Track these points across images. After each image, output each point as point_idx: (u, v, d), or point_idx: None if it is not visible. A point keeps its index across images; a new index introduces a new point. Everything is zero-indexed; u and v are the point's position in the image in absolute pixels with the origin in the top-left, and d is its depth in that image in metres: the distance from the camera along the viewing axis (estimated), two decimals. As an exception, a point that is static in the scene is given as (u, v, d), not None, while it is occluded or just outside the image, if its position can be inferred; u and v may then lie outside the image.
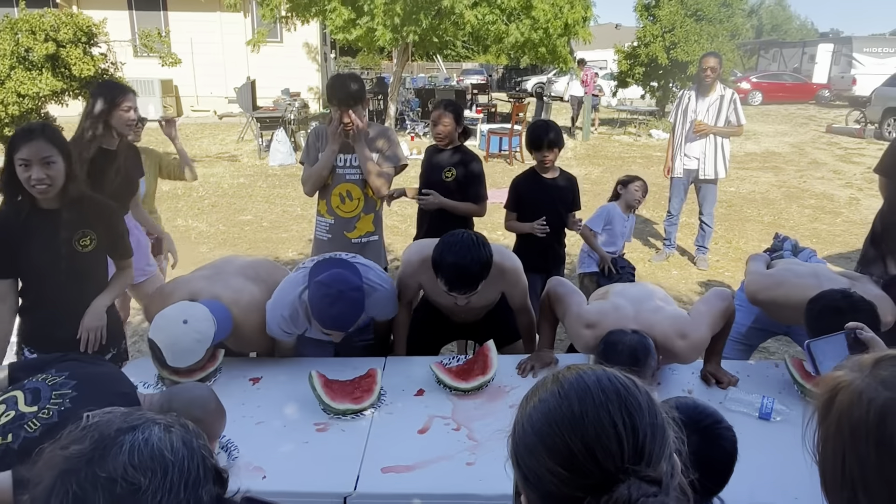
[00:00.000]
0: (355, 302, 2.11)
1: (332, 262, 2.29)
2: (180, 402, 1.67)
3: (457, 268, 2.15)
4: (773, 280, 2.34)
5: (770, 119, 18.15)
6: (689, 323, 2.16)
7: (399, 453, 1.88)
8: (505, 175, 9.75)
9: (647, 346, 2.01)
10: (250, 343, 2.47)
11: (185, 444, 0.79)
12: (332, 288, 2.07)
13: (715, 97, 5.19)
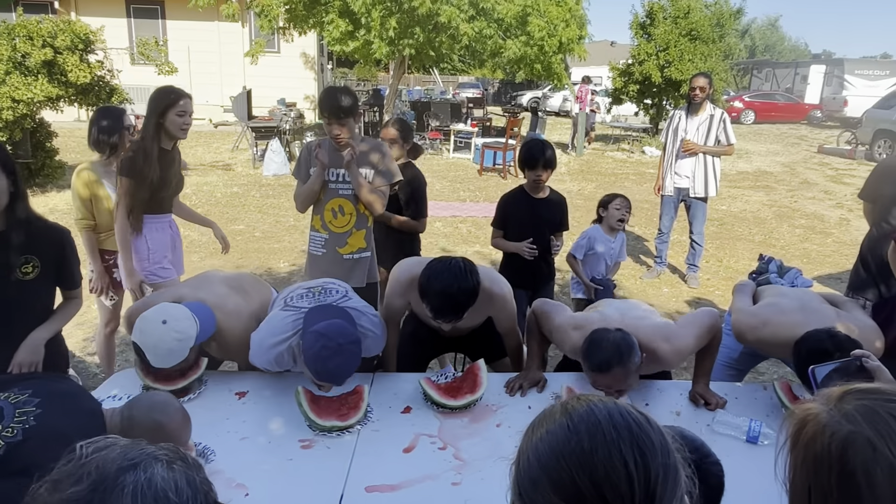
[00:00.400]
0: (353, 355, 2.05)
1: (328, 310, 2.20)
2: (140, 408, 1.66)
3: (442, 296, 2.14)
4: (759, 319, 2.30)
5: (762, 138, 18.31)
6: (674, 330, 2.21)
7: (384, 472, 1.86)
8: (498, 189, 9.79)
9: (630, 343, 2.03)
10: (233, 351, 2.43)
11: (189, 482, 0.76)
12: (333, 341, 2.00)
13: (705, 117, 5.24)
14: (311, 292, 2.34)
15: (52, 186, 8.51)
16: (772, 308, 2.33)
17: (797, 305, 2.31)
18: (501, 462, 1.91)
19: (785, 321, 2.21)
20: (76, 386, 1.74)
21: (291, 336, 2.17)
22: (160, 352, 2.13)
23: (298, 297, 2.32)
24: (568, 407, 0.78)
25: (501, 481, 1.82)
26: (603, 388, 2.03)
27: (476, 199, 8.97)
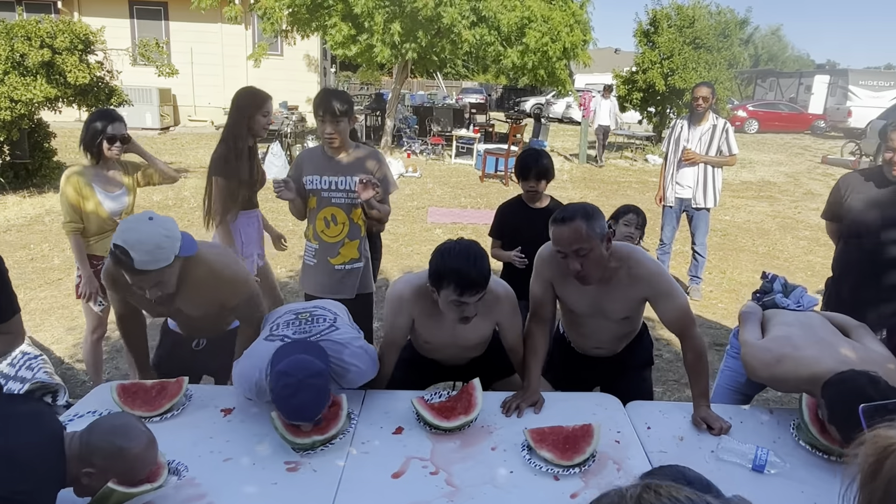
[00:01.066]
0: (318, 389, 1.92)
1: (299, 346, 2.08)
2: (100, 432, 1.58)
3: (464, 269, 2.08)
4: (773, 356, 2.17)
5: (766, 148, 18.24)
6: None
7: (373, 499, 1.78)
8: (500, 196, 9.71)
9: (596, 208, 2.13)
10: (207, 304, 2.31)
11: None
12: (293, 377, 1.89)
13: (707, 126, 5.16)
14: (298, 319, 2.24)
15: (49, 187, 8.44)
16: (784, 342, 2.20)
17: (809, 339, 2.20)
18: (494, 489, 1.83)
19: (800, 357, 2.09)
20: (41, 407, 1.66)
21: (267, 367, 2.07)
22: (147, 247, 1.99)
23: (284, 324, 2.23)
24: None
25: (494, 511, 1.73)
26: (564, 248, 2.07)
27: (477, 206, 8.89)
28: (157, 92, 15.12)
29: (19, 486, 1.38)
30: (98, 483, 1.57)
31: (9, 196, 8.00)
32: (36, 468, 1.44)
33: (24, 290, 5.08)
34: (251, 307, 2.40)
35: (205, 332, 2.53)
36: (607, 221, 3.52)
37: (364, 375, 2.22)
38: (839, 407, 1.87)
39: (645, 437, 2.11)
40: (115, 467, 1.56)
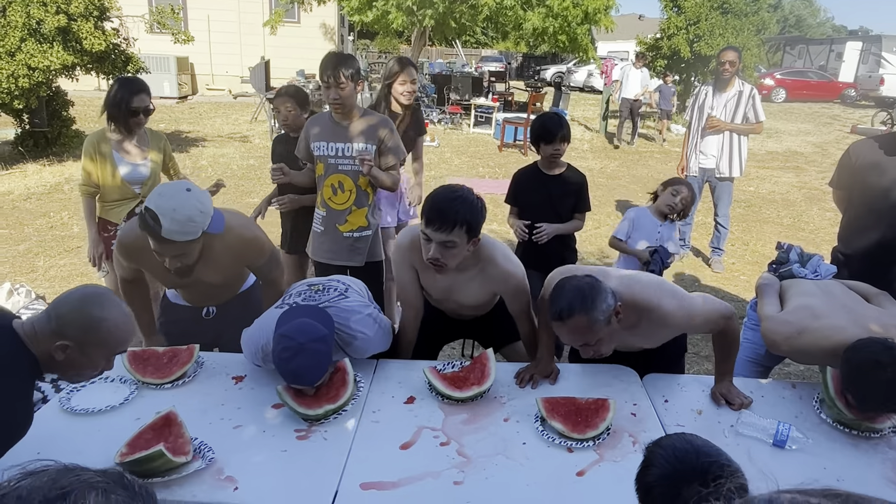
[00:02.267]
0: (318, 354, 1.89)
1: (303, 311, 2.06)
2: (70, 302, 1.51)
3: (437, 199, 2.01)
4: (794, 328, 2.09)
5: (793, 117, 17.75)
6: (680, 290, 2.03)
7: (382, 467, 1.75)
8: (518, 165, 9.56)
9: (595, 286, 1.80)
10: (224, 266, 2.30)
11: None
12: (293, 340, 1.86)
13: (733, 93, 4.98)
14: (311, 289, 2.22)
15: (68, 156, 8.48)
16: (804, 313, 2.12)
17: (831, 307, 2.12)
18: (506, 461, 1.80)
19: (822, 327, 2.02)
20: None
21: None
22: (179, 217, 1.96)
23: (297, 294, 2.21)
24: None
25: (505, 481, 1.71)
26: (570, 343, 1.86)
27: (495, 176, 8.78)
28: (174, 60, 15.04)
29: None
30: (78, 357, 1.50)
31: (28, 164, 8.05)
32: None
33: (44, 257, 5.13)
34: (272, 263, 2.44)
35: (216, 300, 2.51)
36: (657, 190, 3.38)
37: (371, 343, 2.19)
38: (854, 374, 1.84)
39: (662, 410, 2.06)
40: (91, 339, 1.50)
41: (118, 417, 1.94)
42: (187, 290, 2.47)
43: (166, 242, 2.01)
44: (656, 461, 1.16)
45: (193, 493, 1.64)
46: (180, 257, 2.09)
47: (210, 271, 2.29)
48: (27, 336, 1.47)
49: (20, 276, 4.73)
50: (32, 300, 3.98)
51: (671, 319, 1.99)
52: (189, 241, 2.04)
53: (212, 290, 2.43)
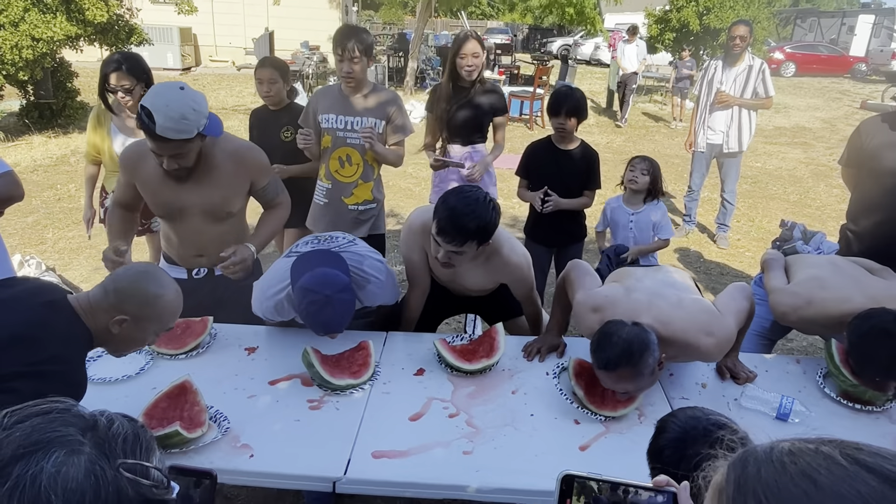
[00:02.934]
0: (344, 303, 1.95)
1: (317, 257, 2.09)
2: (129, 278, 1.57)
3: (453, 211, 2.00)
4: (802, 299, 2.12)
5: (802, 92, 17.55)
6: (715, 319, 1.93)
7: (393, 437, 1.80)
8: (524, 140, 9.51)
9: (644, 340, 1.77)
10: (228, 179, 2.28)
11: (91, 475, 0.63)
12: (319, 293, 1.91)
13: (743, 67, 4.93)
14: (318, 239, 2.28)
15: (73, 128, 8.47)
16: (812, 284, 2.16)
17: (838, 278, 2.15)
18: (514, 432, 1.84)
19: (829, 298, 2.06)
20: (34, 283, 1.60)
21: (288, 284, 2.09)
22: (172, 114, 1.98)
23: (304, 243, 2.26)
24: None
25: (513, 451, 1.75)
26: (610, 388, 1.85)
27: (500, 150, 8.75)
28: (177, 31, 14.90)
29: (37, 356, 1.38)
30: (132, 331, 1.56)
31: (34, 136, 8.05)
32: (47, 336, 1.43)
33: (53, 229, 5.17)
34: (276, 187, 2.45)
35: (208, 249, 2.39)
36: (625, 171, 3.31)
37: (383, 289, 2.23)
38: (861, 343, 1.88)
39: (667, 383, 2.09)
40: (147, 313, 1.57)
41: (135, 386, 1.99)
42: (182, 224, 2.35)
43: (161, 140, 2.02)
44: (669, 427, 1.21)
45: (211, 459, 1.69)
46: (177, 157, 2.09)
47: (210, 182, 2.25)
48: (82, 310, 1.53)
49: (30, 247, 4.77)
50: (43, 272, 4.02)
51: (705, 355, 1.98)
52: (184, 139, 2.04)
53: (207, 223, 2.33)
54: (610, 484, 0.81)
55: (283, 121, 3.31)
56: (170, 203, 2.28)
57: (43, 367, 1.39)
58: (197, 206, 2.28)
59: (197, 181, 2.23)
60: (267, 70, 3.25)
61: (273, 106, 3.33)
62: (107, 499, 0.63)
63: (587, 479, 0.81)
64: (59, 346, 1.45)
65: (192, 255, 2.41)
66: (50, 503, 0.61)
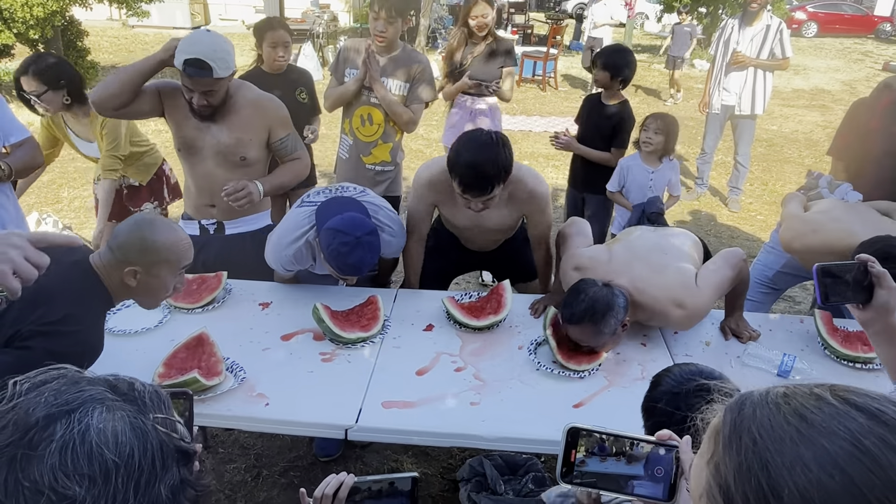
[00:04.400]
0: (372, 246, 2.02)
1: (340, 203, 2.16)
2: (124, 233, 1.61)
3: (470, 166, 2.01)
4: (810, 227, 2.16)
5: (823, 53, 17.11)
6: (690, 292, 1.98)
7: (403, 388, 1.86)
8: (536, 102, 9.42)
9: (610, 302, 1.86)
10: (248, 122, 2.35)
11: (135, 429, 0.63)
12: (349, 235, 1.97)
13: (760, 27, 4.82)
14: (329, 189, 2.32)
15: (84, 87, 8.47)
16: (824, 216, 2.19)
17: (852, 215, 2.17)
18: (521, 385, 1.90)
19: (836, 228, 2.08)
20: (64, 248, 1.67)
21: (308, 230, 2.15)
22: (219, 53, 2.13)
23: (315, 193, 2.30)
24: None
25: (519, 402, 1.81)
26: (575, 338, 1.94)
27: (512, 112, 8.66)
28: (186, -12, 14.72)
29: (53, 316, 1.44)
30: (148, 279, 1.60)
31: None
32: (64, 296, 1.48)
33: (68, 188, 5.24)
34: (297, 144, 2.50)
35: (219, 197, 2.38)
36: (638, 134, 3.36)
37: (396, 237, 2.30)
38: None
39: (671, 341, 2.14)
40: (152, 259, 1.60)
41: (154, 339, 2.06)
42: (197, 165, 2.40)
43: (198, 79, 2.14)
44: (664, 381, 1.25)
45: (229, 407, 1.76)
46: (208, 95, 2.20)
47: (227, 124, 2.32)
48: (99, 269, 1.59)
49: (46, 206, 4.84)
50: (60, 230, 4.10)
51: (675, 325, 2.08)
52: (222, 78, 2.16)
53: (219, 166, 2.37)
54: (614, 437, 0.84)
55: (295, 82, 3.28)
56: (191, 139, 2.36)
57: (57, 326, 1.44)
58: (212, 147, 2.35)
59: (218, 121, 2.31)
60: (280, 33, 3.14)
61: (275, 70, 3.20)
62: (153, 452, 0.64)
63: (592, 432, 0.84)
64: (74, 306, 1.49)
65: (204, 204, 2.47)
66: (104, 458, 0.60)
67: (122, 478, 0.60)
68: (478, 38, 3.57)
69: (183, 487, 0.66)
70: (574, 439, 0.84)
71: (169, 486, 0.64)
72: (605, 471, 0.83)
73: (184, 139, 2.37)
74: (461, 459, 2.45)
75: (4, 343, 1.40)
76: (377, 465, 2.49)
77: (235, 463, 2.50)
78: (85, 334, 1.53)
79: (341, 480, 1.06)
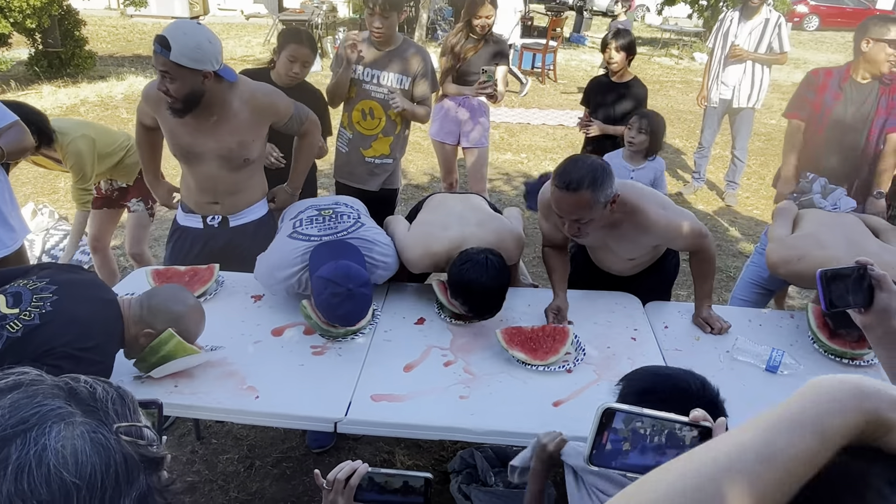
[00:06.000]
0: (364, 298, 1.97)
1: (334, 249, 2.08)
2: (160, 298, 1.73)
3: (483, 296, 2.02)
4: (795, 253, 2.16)
5: (824, 47, 17.06)
6: (670, 202, 2.12)
7: (393, 382, 1.87)
8: (535, 94, 9.39)
9: (607, 169, 1.91)
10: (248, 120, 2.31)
11: (97, 445, 0.60)
12: (341, 287, 1.91)
13: (759, 21, 4.80)
14: (322, 216, 2.25)
15: (82, 77, 8.45)
16: (810, 241, 2.19)
17: (836, 239, 2.17)
18: (510, 378, 1.91)
19: (823, 256, 2.08)
20: (92, 276, 1.78)
21: (300, 270, 2.10)
22: (189, 42, 2.06)
23: (308, 221, 2.23)
24: None
25: (508, 396, 1.82)
26: (562, 214, 1.93)
27: (511, 105, 8.64)
28: (185, -22, 14.62)
29: (85, 343, 1.51)
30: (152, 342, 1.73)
31: (44, 85, 8.04)
32: (97, 327, 1.57)
33: (65, 178, 5.22)
34: (299, 119, 2.48)
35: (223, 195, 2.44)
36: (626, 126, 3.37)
37: (390, 270, 2.26)
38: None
39: (661, 335, 2.15)
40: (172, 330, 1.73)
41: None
42: (198, 168, 2.38)
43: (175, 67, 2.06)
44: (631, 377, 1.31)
45: (218, 399, 1.77)
46: (168, 79, 2.09)
47: (227, 128, 2.28)
48: (125, 315, 1.68)
49: (42, 196, 4.84)
50: (56, 220, 4.09)
51: (653, 227, 2.06)
52: (197, 70, 2.08)
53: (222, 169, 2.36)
54: (649, 417, 0.82)
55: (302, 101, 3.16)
56: (186, 146, 2.32)
57: (87, 354, 1.50)
58: (213, 151, 2.32)
59: (214, 126, 2.27)
60: (304, 50, 2.82)
61: (284, 84, 2.86)
62: (116, 468, 0.60)
63: (627, 413, 0.82)
64: (104, 340, 1.58)
65: (207, 202, 2.46)
66: (63, 480, 0.57)
67: (84, 499, 0.57)
68: (477, 36, 3.69)
69: (150, 495, 0.63)
70: (608, 420, 0.82)
71: (134, 499, 0.61)
72: (636, 453, 0.82)
73: (179, 146, 2.33)
74: (453, 451, 2.47)
75: (35, 358, 1.43)
76: (369, 457, 2.51)
77: (228, 454, 2.51)
78: (106, 368, 1.59)
79: (355, 468, 1.09)
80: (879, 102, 2.96)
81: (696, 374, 1.26)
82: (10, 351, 1.43)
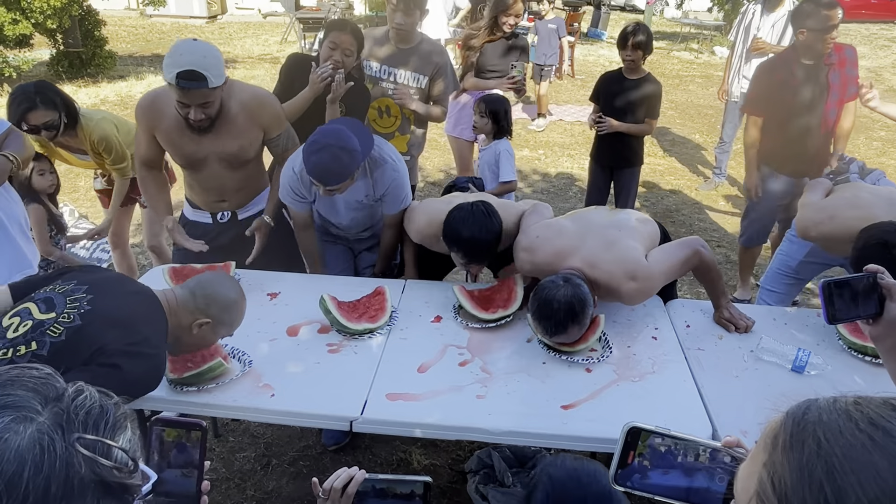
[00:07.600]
0: (338, 157, 2.01)
1: (346, 122, 2.21)
2: (213, 286, 1.73)
3: (472, 242, 2.10)
4: (826, 213, 2.08)
5: (848, 39, 16.65)
6: (641, 266, 1.95)
7: (409, 381, 1.85)
8: (552, 90, 9.30)
9: (581, 297, 1.84)
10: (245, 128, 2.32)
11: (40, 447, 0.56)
12: (320, 142, 2.01)
13: (782, 13, 4.70)
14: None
15: (102, 77, 8.54)
16: (844, 202, 2.11)
17: (872, 200, 2.08)
18: (528, 378, 1.87)
19: (853, 215, 1.99)
20: (118, 273, 1.77)
21: None
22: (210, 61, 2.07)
23: None
24: None
25: (526, 396, 1.79)
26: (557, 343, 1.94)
27: (528, 101, 8.57)
28: (203, -22, 14.71)
29: (134, 338, 1.50)
30: (207, 334, 1.72)
31: (65, 85, 8.13)
32: (141, 321, 1.55)
33: (85, 178, 5.27)
34: (289, 142, 2.47)
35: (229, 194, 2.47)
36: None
37: (398, 172, 2.30)
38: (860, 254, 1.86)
39: (683, 335, 2.10)
40: (226, 318, 1.74)
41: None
42: (203, 172, 2.39)
43: (193, 92, 2.07)
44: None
45: (234, 398, 1.76)
46: (205, 107, 2.14)
47: (227, 132, 2.30)
48: (168, 306, 1.65)
49: (63, 195, 4.87)
50: (77, 219, 4.14)
51: (627, 299, 2.02)
52: (216, 87, 2.11)
53: (227, 170, 2.38)
54: (676, 440, 0.79)
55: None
56: (191, 154, 2.34)
57: (139, 347, 1.49)
58: (216, 155, 2.34)
59: (215, 131, 2.28)
60: (345, 37, 2.54)
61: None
62: (50, 473, 0.56)
63: (653, 433, 0.79)
64: (151, 331, 1.56)
65: (214, 201, 2.49)
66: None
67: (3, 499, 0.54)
68: (502, 33, 3.74)
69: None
70: (634, 440, 0.79)
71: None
72: (662, 475, 0.78)
73: (184, 156, 2.36)
74: (470, 451, 2.44)
75: (87, 359, 1.43)
76: (386, 456, 2.49)
77: (245, 452, 2.51)
78: (159, 359, 1.58)
79: (352, 475, 1.05)
80: (830, 79, 3.08)
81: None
82: (58, 356, 1.39)
